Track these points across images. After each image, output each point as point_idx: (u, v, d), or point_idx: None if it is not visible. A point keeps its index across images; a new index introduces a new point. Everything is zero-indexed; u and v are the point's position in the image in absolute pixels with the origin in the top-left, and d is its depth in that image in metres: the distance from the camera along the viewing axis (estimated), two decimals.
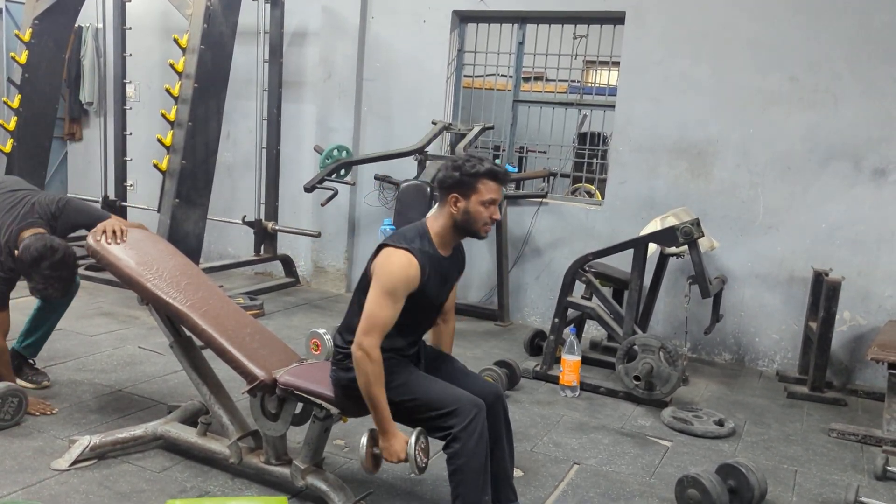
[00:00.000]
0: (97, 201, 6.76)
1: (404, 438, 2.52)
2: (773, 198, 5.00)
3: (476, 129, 5.65)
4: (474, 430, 2.41)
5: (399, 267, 2.48)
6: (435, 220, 2.63)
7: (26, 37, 5.75)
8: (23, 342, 3.81)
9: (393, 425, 2.52)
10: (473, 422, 2.41)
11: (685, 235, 4.14)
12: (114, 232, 3.24)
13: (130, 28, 6.57)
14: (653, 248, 4.50)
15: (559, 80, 5.98)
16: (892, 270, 4.72)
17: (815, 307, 4.62)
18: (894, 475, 3.41)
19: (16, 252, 3.32)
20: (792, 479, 3.37)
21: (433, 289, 2.59)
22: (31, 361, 3.87)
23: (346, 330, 2.66)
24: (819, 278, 4.61)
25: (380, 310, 2.45)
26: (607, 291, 4.60)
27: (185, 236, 5.20)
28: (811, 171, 4.89)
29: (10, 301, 3.52)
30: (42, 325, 3.82)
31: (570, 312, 4.63)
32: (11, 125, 5.77)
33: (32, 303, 3.79)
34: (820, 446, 3.78)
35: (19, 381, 3.78)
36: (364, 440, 2.56)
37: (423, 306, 2.60)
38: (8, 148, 5.76)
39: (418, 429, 2.53)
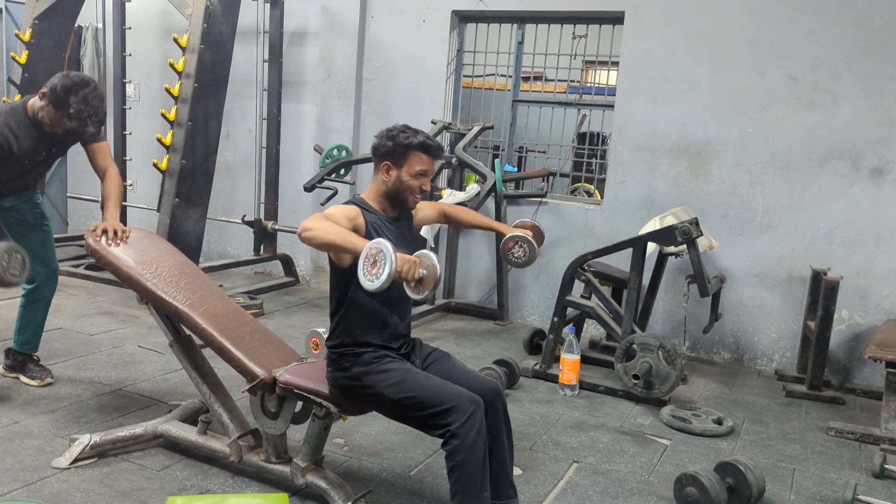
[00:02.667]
0: (97, 201, 6.78)
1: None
2: (771, 197, 5.01)
3: (475, 129, 5.67)
4: (472, 426, 2.41)
5: (334, 206, 2.59)
6: (369, 189, 2.73)
7: (26, 37, 5.75)
8: (19, 340, 3.82)
9: (365, 241, 2.40)
10: (471, 418, 2.42)
11: (684, 235, 4.15)
12: (115, 232, 3.25)
13: (130, 28, 6.57)
14: (652, 247, 4.51)
15: (558, 80, 5.98)
16: (891, 269, 4.73)
17: (813, 306, 4.63)
18: (892, 473, 3.42)
19: (40, 95, 3.30)
20: (790, 478, 3.38)
21: (402, 247, 2.49)
22: (35, 357, 3.88)
23: (333, 333, 2.69)
24: (817, 277, 4.62)
25: (316, 215, 2.50)
26: (606, 290, 4.61)
27: (184, 236, 5.21)
28: (810, 171, 4.90)
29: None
30: (32, 319, 3.82)
31: (570, 311, 4.65)
32: None
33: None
34: (818, 445, 3.79)
35: (23, 378, 3.80)
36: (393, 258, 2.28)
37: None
38: None
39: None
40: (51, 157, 3.64)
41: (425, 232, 5.20)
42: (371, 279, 2.29)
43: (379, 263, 2.27)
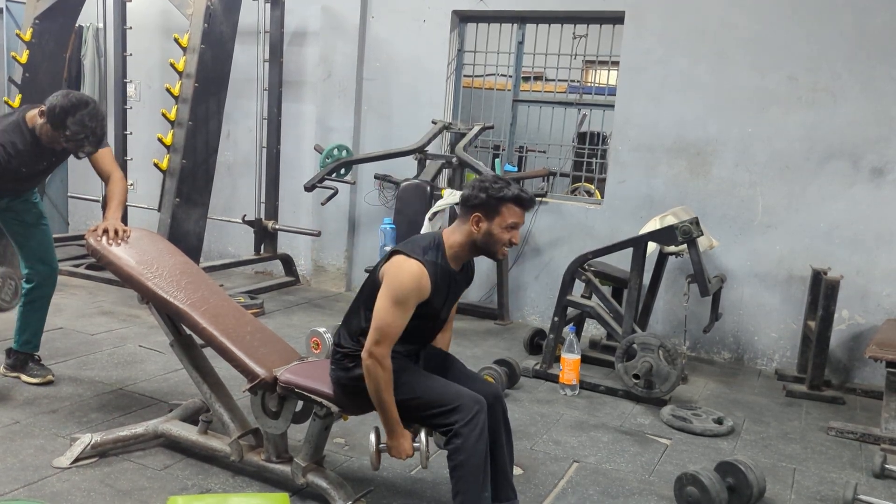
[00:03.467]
0: (97, 201, 6.79)
1: (410, 436, 2.58)
2: (771, 197, 5.01)
3: (476, 129, 5.67)
4: (475, 426, 2.42)
5: (410, 277, 2.46)
6: (452, 233, 2.61)
7: (27, 36, 5.75)
8: (19, 340, 3.83)
9: (401, 426, 2.55)
10: (475, 418, 2.43)
11: (684, 234, 4.15)
12: (115, 232, 3.25)
13: (131, 28, 6.58)
14: (652, 246, 4.51)
15: (559, 80, 5.99)
16: (891, 269, 4.73)
17: (813, 306, 4.64)
18: (892, 473, 3.42)
19: (39, 112, 3.30)
20: (791, 477, 3.38)
21: (439, 301, 2.59)
22: (36, 356, 3.88)
23: (347, 330, 2.68)
24: (818, 277, 4.62)
25: (391, 318, 2.45)
26: (607, 290, 4.61)
27: (185, 235, 5.21)
28: (810, 171, 4.91)
29: None
30: (32, 318, 3.82)
31: (570, 311, 4.65)
32: None
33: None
34: (818, 444, 3.79)
35: (23, 378, 3.81)
36: (371, 438, 2.60)
37: (426, 317, 2.59)
38: None
39: (424, 428, 2.59)
40: (51, 167, 3.66)
41: (426, 230, 5.20)
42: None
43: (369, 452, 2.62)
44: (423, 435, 2.58)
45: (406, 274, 2.46)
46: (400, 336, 2.51)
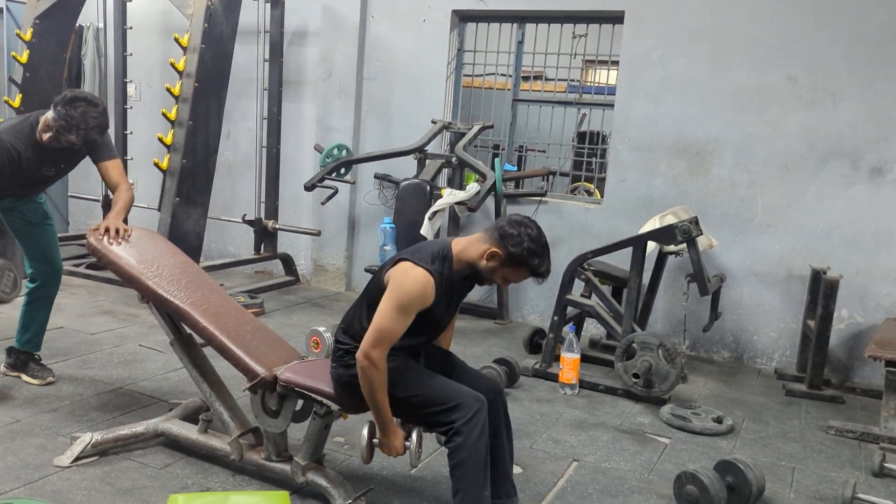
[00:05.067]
0: (98, 201, 6.79)
1: (402, 435, 2.59)
2: (771, 196, 5.02)
3: (476, 128, 5.68)
4: (476, 424, 2.43)
5: (416, 284, 2.47)
6: (464, 248, 2.60)
7: (27, 36, 5.76)
8: (21, 339, 3.83)
9: (394, 424, 2.57)
10: (475, 416, 2.43)
11: (684, 234, 4.15)
12: (116, 231, 3.25)
13: (131, 27, 6.59)
14: (652, 246, 4.52)
15: (558, 80, 5.99)
16: (890, 269, 4.74)
17: (813, 305, 4.64)
18: (891, 472, 3.43)
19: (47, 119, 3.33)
20: (790, 476, 3.39)
21: (441, 308, 2.61)
22: (36, 356, 3.89)
23: (348, 328, 2.68)
24: (817, 276, 4.63)
25: (390, 324, 2.46)
26: (606, 289, 4.61)
27: (185, 235, 5.22)
28: (809, 170, 4.91)
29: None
30: (34, 318, 3.83)
31: (570, 310, 4.65)
32: None
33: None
34: (818, 443, 3.80)
35: (24, 377, 3.81)
36: (364, 432, 2.61)
37: (426, 323, 2.60)
38: None
39: (418, 427, 2.60)
40: (60, 173, 3.68)
41: (425, 231, 5.21)
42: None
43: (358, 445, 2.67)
44: (414, 435, 2.60)
45: (412, 281, 2.47)
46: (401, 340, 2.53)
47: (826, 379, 4.57)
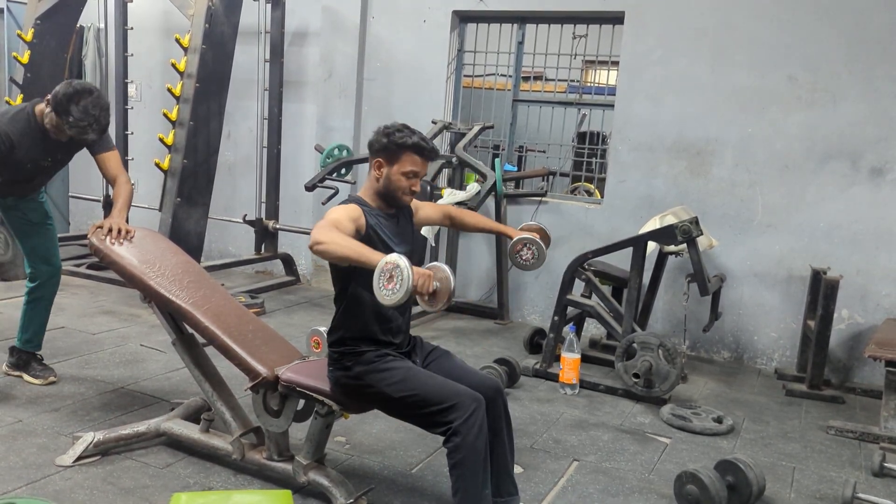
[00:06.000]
0: (98, 200, 6.80)
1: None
2: (771, 197, 5.03)
3: (476, 129, 5.68)
4: (474, 423, 2.43)
5: (337, 207, 2.60)
6: (363, 186, 2.76)
7: (28, 37, 5.77)
8: (22, 338, 3.84)
9: (379, 254, 2.37)
10: (473, 416, 2.43)
11: (684, 234, 4.16)
12: (119, 231, 3.26)
13: (132, 28, 6.60)
14: (652, 246, 4.53)
15: (558, 80, 6.00)
16: (890, 269, 4.75)
17: (813, 305, 4.65)
18: (891, 472, 3.43)
19: (46, 101, 3.32)
20: (790, 476, 3.40)
21: (390, 238, 2.67)
22: (38, 356, 3.90)
23: (334, 329, 2.71)
24: (817, 277, 4.63)
25: (324, 220, 2.50)
26: (607, 290, 4.62)
27: (186, 235, 5.23)
28: (809, 170, 4.92)
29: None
30: (35, 317, 3.83)
31: (570, 310, 4.66)
32: None
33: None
34: (818, 443, 3.81)
35: (26, 377, 3.82)
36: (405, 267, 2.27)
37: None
38: None
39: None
40: (57, 164, 3.66)
41: (426, 231, 5.21)
42: (388, 294, 2.29)
43: (395, 279, 2.27)
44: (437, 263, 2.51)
45: (333, 209, 2.60)
46: (373, 305, 2.54)
47: (826, 379, 4.57)
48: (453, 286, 2.41)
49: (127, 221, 3.42)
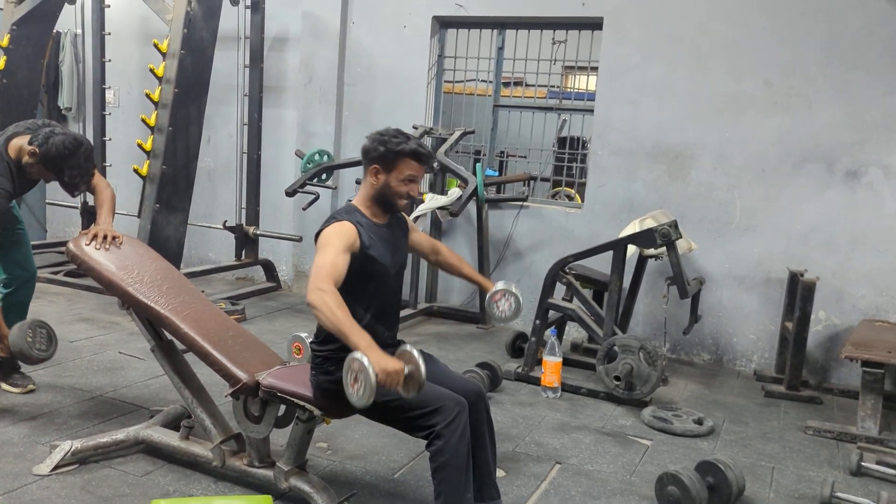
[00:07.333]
0: (76, 207, 6.73)
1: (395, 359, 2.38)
2: (749, 200, 5.08)
3: (457, 134, 5.70)
4: (457, 427, 2.43)
5: (330, 229, 2.58)
6: (359, 194, 2.76)
7: (4, 42, 5.71)
8: None
9: (377, 347, 2.34)
10: (456, 419, 2.44)
11: (663, 237, 4.19)
12: (105, 237, 3.23)
13: (110, 33, 6.53)
14: (632, 249, 4.55)
15: (539, 86, 6.03)
16: (865, 271, 4.81)
17: (790, 307, 4.69)
18: (869, 471, 3.47)
19: (29, 153, 3.30)
20: (769, 476, 3.43)
21: (381, 254, 2.66)
22: (16, 365, 3.84)
23: (317, 333, 2.70)
24: (795, 279, 4.68)
25: (322, 260, 2.49)
26: (587, 293, 4.65)
27: (165, 241, 5.19)
28: (786, 174, 4.98)
29: None
30: (11, 323, 3.77)
31: (551, 314, 4.68)
32: None
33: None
34: (796, 443, 3.84)
35: (4, 386, 3.77)
36: (367, 365, 2.26)
37: (376, 273, 2.65)
38: None
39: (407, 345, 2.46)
40: (32, 186, 3.68)
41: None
42: (353, 394, 2.32)
43: (360, 381, 2.29)
44: (408, 347, 2.43)
45: (326, 230, 2.59)
46: (353, 295, 2.55)
47: (804, 380, 4.62)
48: (424, 371, 2.37)
49: None
